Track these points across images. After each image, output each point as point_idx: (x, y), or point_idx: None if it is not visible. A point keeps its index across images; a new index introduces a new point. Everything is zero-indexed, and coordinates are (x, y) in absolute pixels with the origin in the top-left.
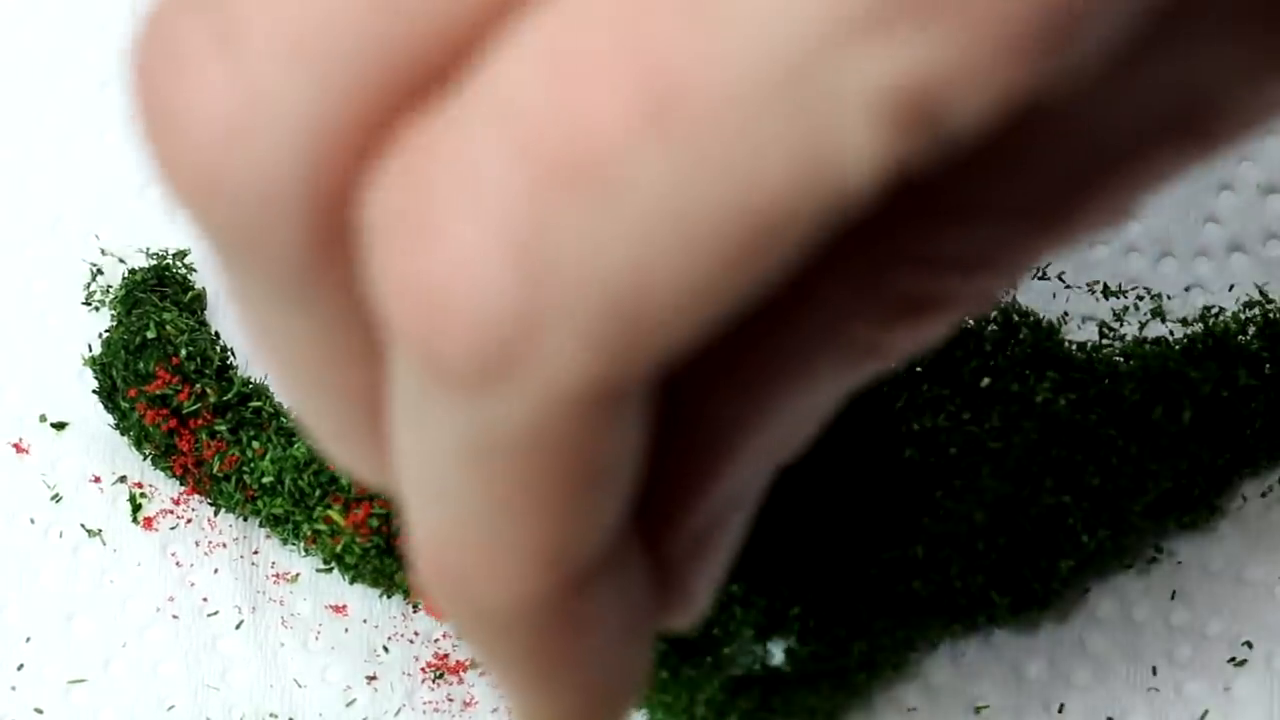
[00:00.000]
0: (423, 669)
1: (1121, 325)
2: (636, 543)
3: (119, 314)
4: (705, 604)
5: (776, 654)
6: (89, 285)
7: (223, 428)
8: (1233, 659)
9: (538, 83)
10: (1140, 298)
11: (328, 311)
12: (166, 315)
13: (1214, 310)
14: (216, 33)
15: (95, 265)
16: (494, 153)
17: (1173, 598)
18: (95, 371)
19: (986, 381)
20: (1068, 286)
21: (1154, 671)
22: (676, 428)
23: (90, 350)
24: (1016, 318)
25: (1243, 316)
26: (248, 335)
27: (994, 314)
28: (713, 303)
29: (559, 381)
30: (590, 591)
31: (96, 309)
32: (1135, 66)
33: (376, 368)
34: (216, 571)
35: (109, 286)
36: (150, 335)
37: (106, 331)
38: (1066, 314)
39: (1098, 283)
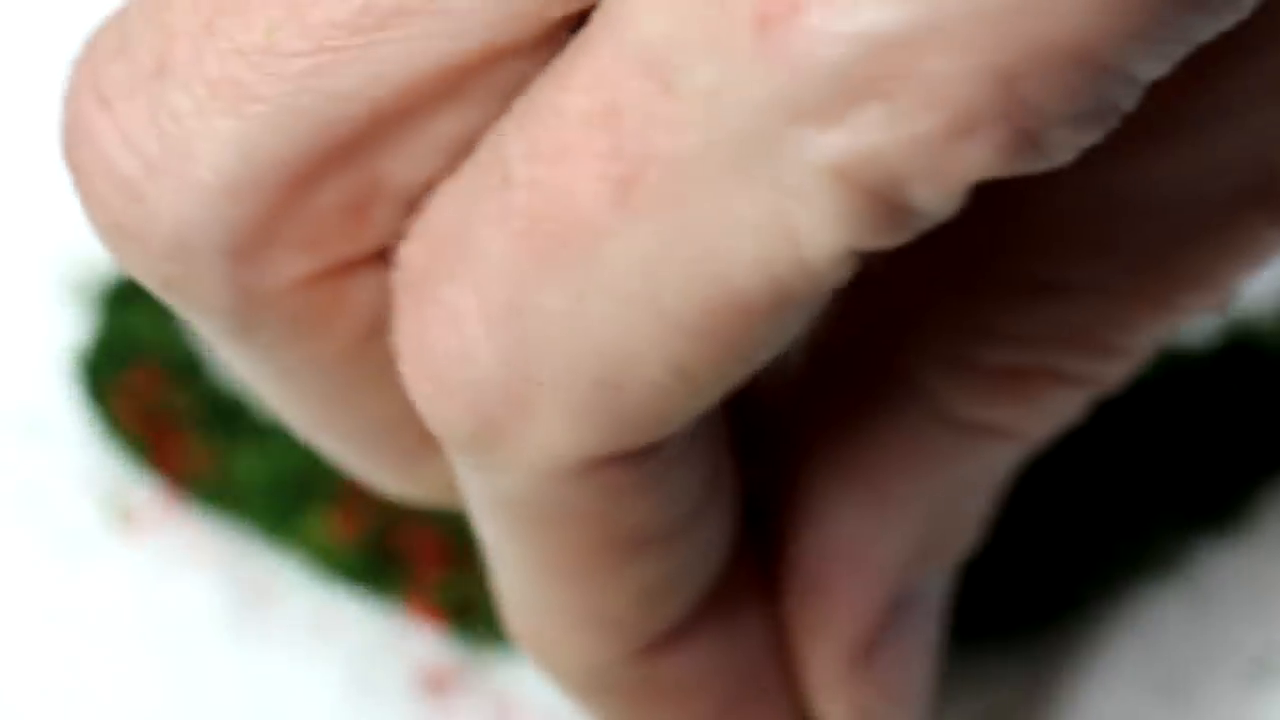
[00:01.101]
0: (416, 679)
1: None
2: (754, 611)
3: (101, 313)
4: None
5: None
6: (71, 284)
7: (207, 431)
8: (1257, 669)
9: (526, 154)
10: None
11: (274, 349)
12: (150, 316)
13: (1239, 310)
14: (143, 74)
15: (78, 263)
16: (489, 225)
17: (1194, 606)
18: (76, 373)
19: None
20: None
21: (1174, 681)
22: (809, 532)
23: (71, 351)
24: None
25: (1268, 317)
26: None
27: None
28: (696, 380)
29: (547, 452)
30: (676, 659)
31: (78, 308)
32: (1185, 141)
33: (368, 400)
34: (201, 578)
35: (91, 285)
36: (133, 335)
37: (88, 331)
38: None
39: None
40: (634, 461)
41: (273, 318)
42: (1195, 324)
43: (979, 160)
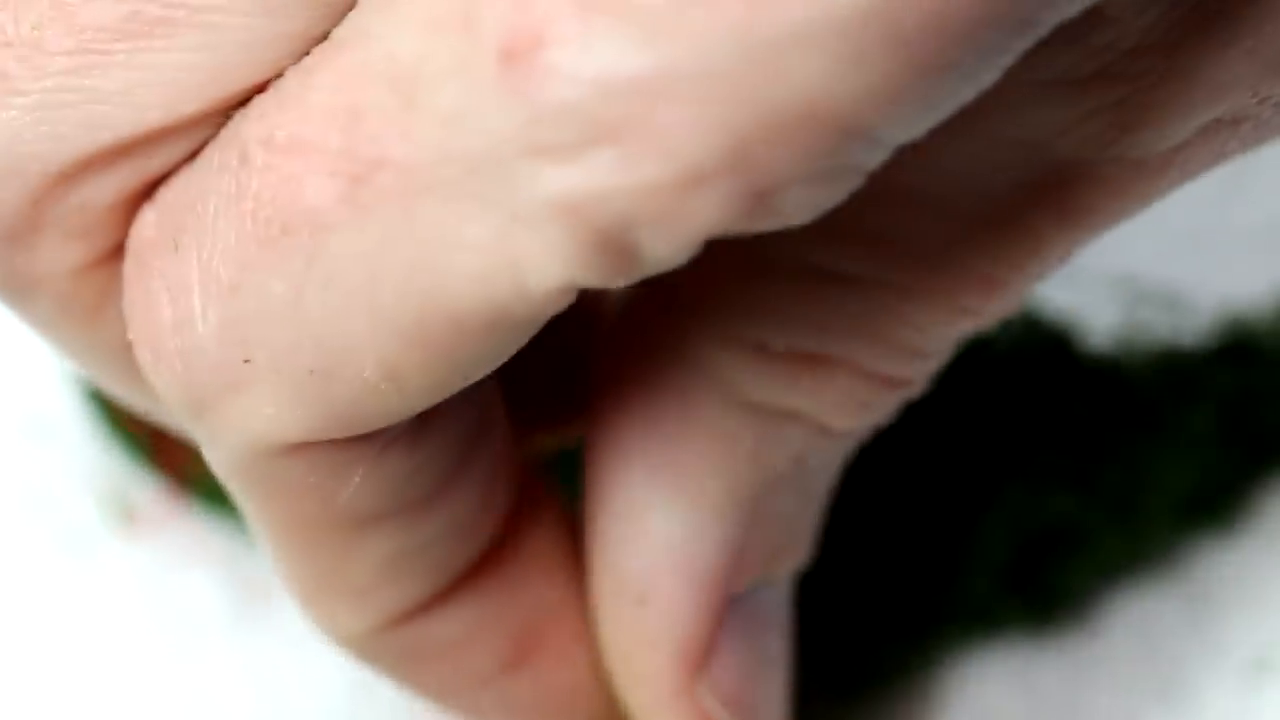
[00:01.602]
0: None
1: (1138, 321)
2: (539, 572)
3: None
4: None
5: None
6: None
7: None
8: (1254, 668)
9: (264, 139)
10: (1160, 293)
11: (52, 327)
12: None
13: (1236, 307)
14: None
15: None
16: (221, 203)
17: (1192, 605)
18: (80, 375)
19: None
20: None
21: (1172, 681)
22: (623, 535)
23: None
24: (1030, 319)
25: (1268, 318)
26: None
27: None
28: (407, 383)
29: (254, 430)
30: (439, 626)
31: None
32: (965, 133)
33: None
34: (204, 578)
35: None
36: None
37: None
38: (1082, 311)
39: (1114, 277)
40: (347, 446)
41: (46, 299)
42: (1193, 324)
43: (707, 214)
